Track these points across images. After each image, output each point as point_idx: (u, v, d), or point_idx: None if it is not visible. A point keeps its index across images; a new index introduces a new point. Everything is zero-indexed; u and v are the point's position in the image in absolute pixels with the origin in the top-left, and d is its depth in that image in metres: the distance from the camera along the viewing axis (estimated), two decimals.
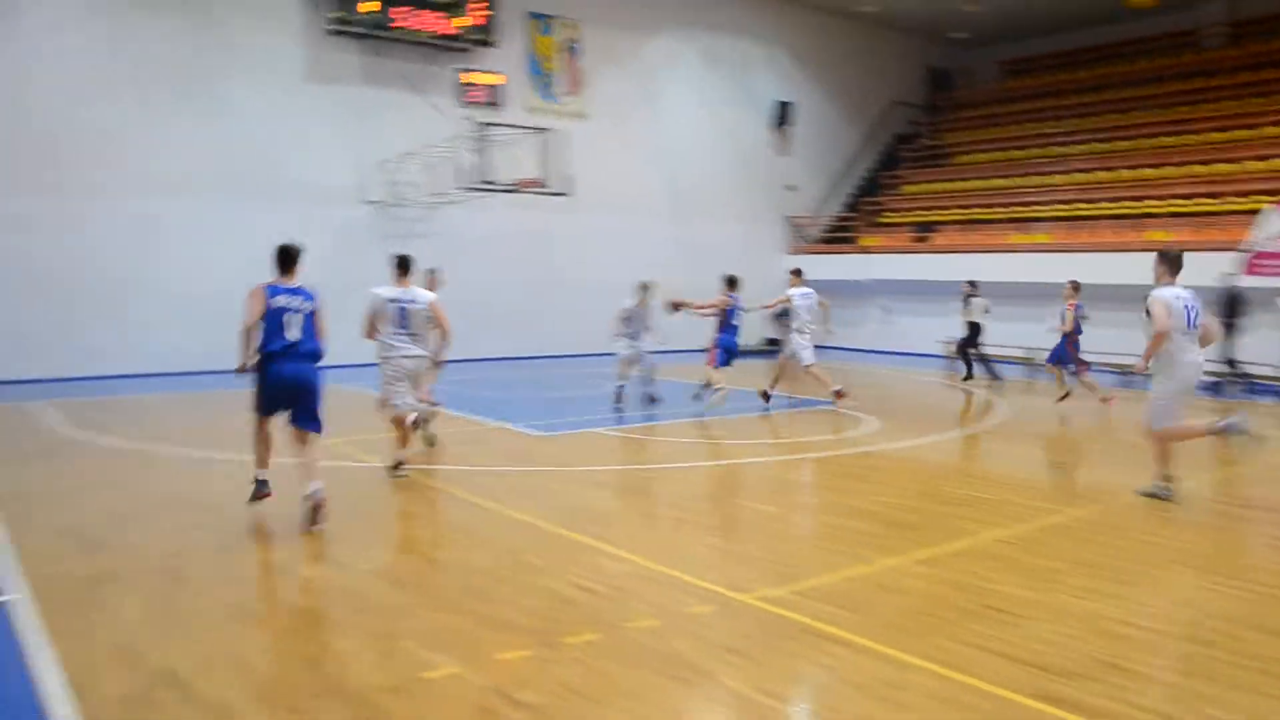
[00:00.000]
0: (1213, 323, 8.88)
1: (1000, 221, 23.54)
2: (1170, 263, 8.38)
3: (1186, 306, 8.14)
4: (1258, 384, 16.89)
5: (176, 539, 7.03)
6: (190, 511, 7.86)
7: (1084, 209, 22.26)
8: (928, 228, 24.93)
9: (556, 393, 16.30)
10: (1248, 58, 23.94)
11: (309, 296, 7.53)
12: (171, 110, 17.48)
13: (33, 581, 5.98)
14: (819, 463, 10.50)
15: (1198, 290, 8.33)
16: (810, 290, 14.55)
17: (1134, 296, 12.64)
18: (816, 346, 14.78)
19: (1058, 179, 23.66)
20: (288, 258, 7.60)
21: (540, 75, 21.47)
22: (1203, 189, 20.88)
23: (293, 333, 7.33)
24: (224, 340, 17.23)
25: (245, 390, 7.72)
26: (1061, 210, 22.64)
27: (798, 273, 14.95)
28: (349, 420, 11.71)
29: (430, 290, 9.96)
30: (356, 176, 19.36)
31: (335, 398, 13.46)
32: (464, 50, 19.99)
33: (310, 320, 7.46)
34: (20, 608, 5.56)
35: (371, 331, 9.36)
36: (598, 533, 7.25)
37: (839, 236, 26.54)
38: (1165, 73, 25.07)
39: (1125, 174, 22.59)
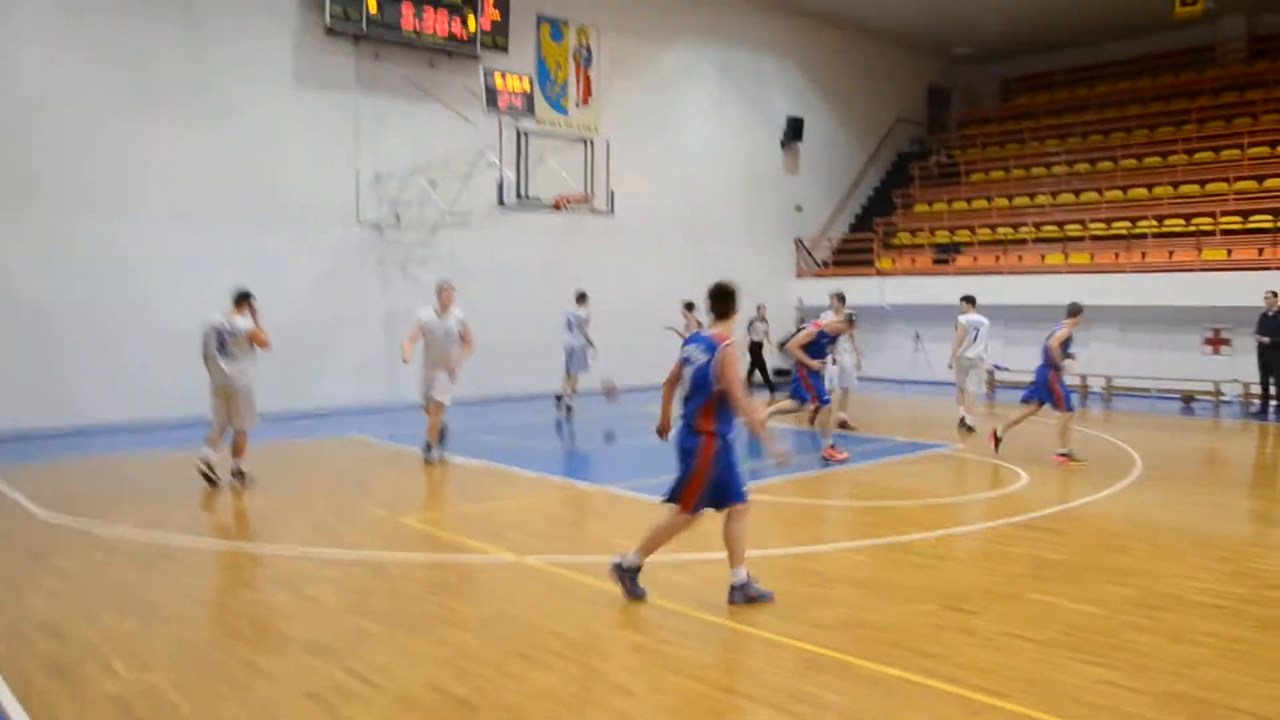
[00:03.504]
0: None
1: (1025, 242, 22.22)
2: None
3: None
4: None
5: None
6: (299, 653, 5.43)
7: (1121, 228, 21.02)
8: (949, 249, 23.39)
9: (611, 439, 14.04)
10: (1268, 73, 23.13)
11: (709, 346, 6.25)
12: (142, 117, 14.72)
13: None
14: (1046, 531, 8.52)
15: None
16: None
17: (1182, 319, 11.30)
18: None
19: (1092, 196, 22.38)
20: (725, 299, 6.64)
21: (551, 84, 19.28)
22: (1245, 205, 19.86)
23: None
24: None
25: None
26: (1099, 229, 21.32)
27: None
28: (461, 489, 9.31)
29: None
30: (351, 194, 16.87)
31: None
32: (471, 57, 17.68)
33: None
34: None
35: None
36: (932, 667, 5.21)
37: (849, 259, 24.86)
38: (1185, 89, 24.18)
39: (1162, 190, 21.48)
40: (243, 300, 10.15)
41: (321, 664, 5.16)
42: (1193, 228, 20.00)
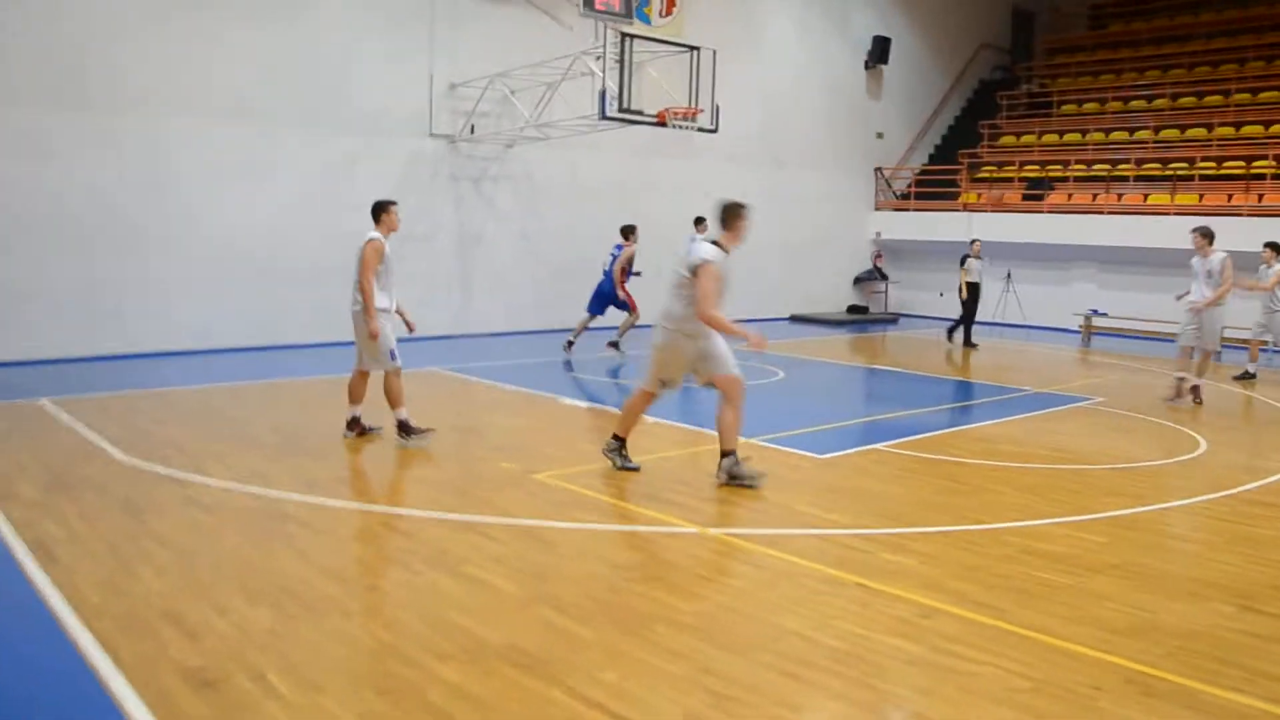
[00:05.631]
0: None
1: (1126, 179, 20.69)
2: None
3: None
4: None
5: None
6: (501, 666, 4.29)
7: (1235, 167, 19.47)
8: (1042, 184, 21.86)
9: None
10: None
11: None
12: (200, 9, 13.26)
13: None
14: (1273, 507, 7.32)
15: None
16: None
17: None
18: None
19: (1200, 132, 20.77)
20: None
21: None
22: None
23: None
24: (276, 305, 13.67)
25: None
26: (1209, 168, 19.77)
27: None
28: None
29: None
30: (424, 102, 15.45)
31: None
32: None
33: None
34: None
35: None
36: None
37: (930, 192, 23.35)
38: None
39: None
40: (375, 211, 8.25)
41: (537, 683, 3.98)
42: None
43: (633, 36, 12.85)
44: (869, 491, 7.35)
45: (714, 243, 6.97)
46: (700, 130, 13.69)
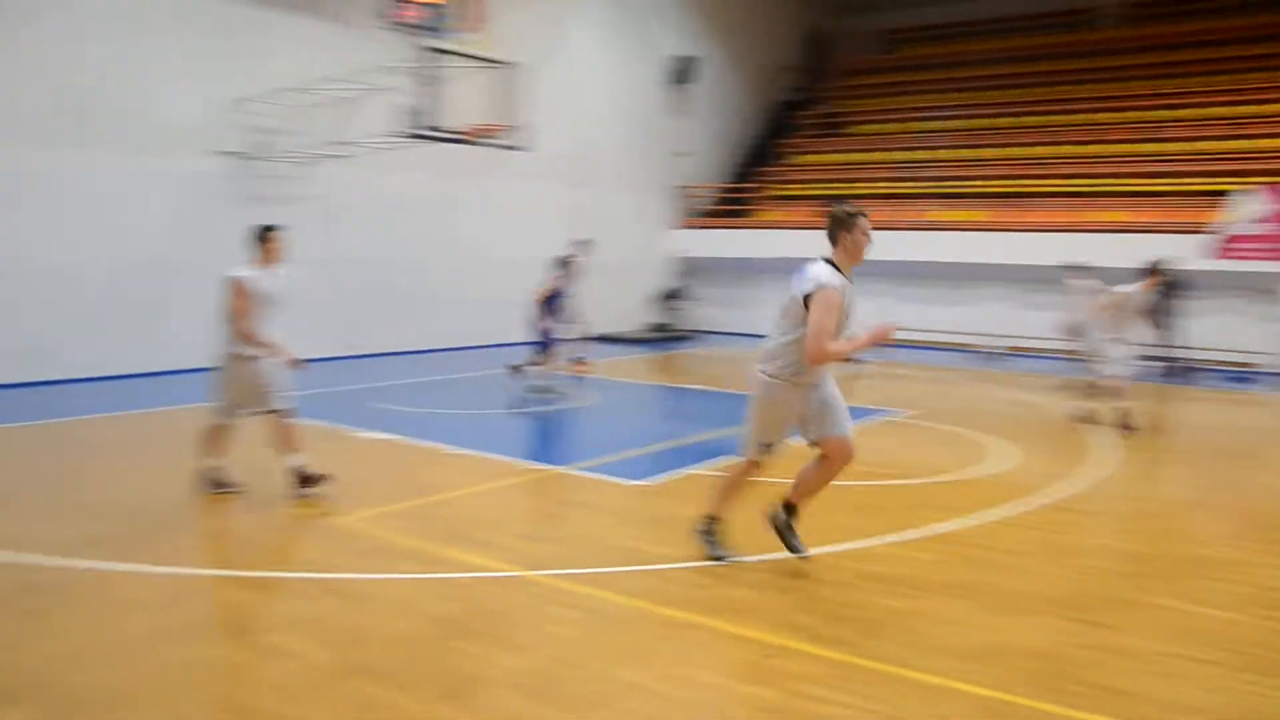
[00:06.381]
0: None
1: (919, 197, 21.53)
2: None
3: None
4: (1196, 368, 16.99)
5: None
6: None
7: (1014, 185, 20.67)
8: (834, 202, 22.48)
9: (529, 405, 12.45)
10: (1145, 39, 23.14)
11: None
12: None
13: None
14: (1089, 515, 7.61)
15: None
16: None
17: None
18: None
19: (987, 153, 21.89)
20: None
21: (440, 5, 17.06)
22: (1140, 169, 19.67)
23: None
24: (51, 336, 12.43)
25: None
26: (992, 185, 20.86)
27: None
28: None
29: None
30: (211, 116, 14.40)
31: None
32: None
33: None
34: None
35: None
36: (1136, 711, 4.19)
37: (731, 210, 23.73)
38: (1074, 49, 23.91)
39: (1066, 149, 21.18)
40: (258, 240, 7.05)
41: None
42: (1086, 187, 19.87)
43: (438, 50, 12.28)
44: (692, 520, 7.06)
45: (828, 261, 5.71)
46: (511, 148, 13.23)
